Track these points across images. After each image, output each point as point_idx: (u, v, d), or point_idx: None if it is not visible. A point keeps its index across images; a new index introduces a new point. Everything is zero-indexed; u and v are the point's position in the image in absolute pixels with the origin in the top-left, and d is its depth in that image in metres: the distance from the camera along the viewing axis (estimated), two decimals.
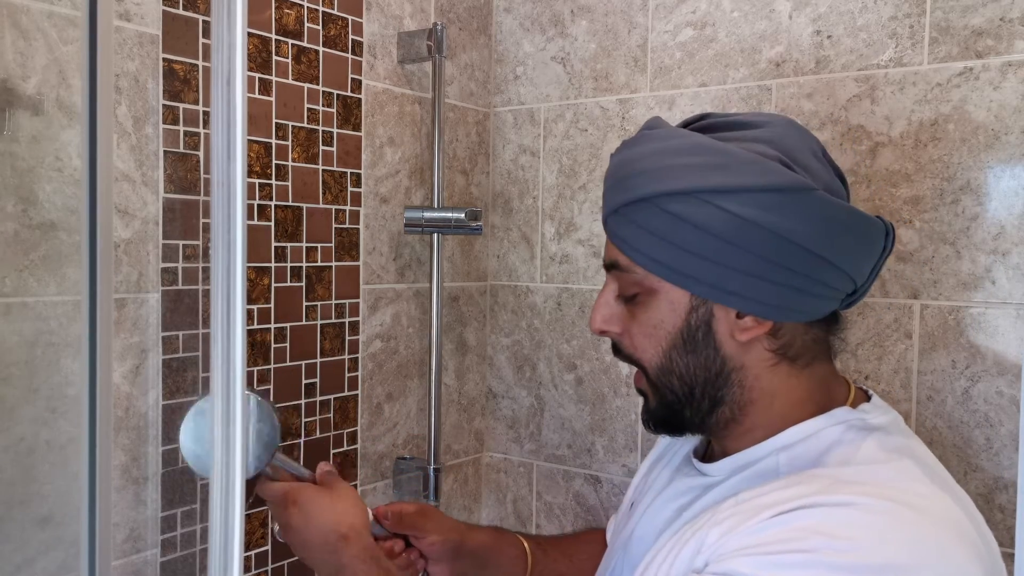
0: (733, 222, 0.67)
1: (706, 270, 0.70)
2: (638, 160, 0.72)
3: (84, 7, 0.53)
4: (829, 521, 0.62)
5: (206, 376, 1.06)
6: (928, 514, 0.65)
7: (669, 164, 0.70)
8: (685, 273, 0.70)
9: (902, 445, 0.72)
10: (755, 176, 0.67)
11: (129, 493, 0.99)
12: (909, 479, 0.68)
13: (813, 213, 0.68)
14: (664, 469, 0.88)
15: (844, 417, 0.73)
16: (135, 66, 0.98)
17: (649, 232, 0.71)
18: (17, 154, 0.88)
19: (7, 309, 0.88)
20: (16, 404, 0.88)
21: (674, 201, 0.69)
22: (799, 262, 0.69)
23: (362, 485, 1.29)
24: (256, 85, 1.12)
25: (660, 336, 0.74)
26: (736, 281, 0.69)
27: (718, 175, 0.68)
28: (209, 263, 0.72)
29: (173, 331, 1.03)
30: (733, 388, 0.74)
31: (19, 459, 0.89)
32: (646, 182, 0.70)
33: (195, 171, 1.04)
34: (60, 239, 0.91)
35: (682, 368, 0.74)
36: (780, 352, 0.74)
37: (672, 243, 0.70)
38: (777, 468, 0.72)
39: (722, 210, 0.67)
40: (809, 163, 0.72)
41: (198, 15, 1.04)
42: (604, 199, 0.76)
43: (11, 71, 0.87)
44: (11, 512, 0.89)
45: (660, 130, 0.74)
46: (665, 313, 0.73)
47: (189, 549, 1.05)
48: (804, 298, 0.71)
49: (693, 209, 0.68)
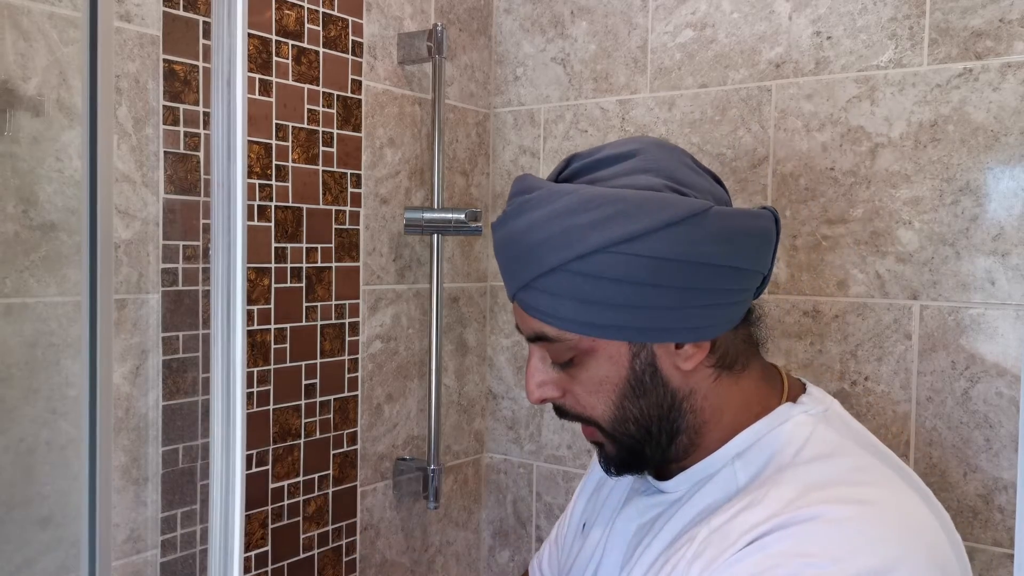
0: (648, 265, 0.67)
1: (636, 317, 0.69)
2: (534, 229, 0.69)
3: (85, 8, 0.53)
4: (802, 541, 0.64)
5: (206, 376, 1.06)
6: (888, 507, 0.67)
7: (568, 226, 0.68)
8: (617, 326, 0.70)
9: (844, 435, 0.74)
10: (655, 215, 0.67)
11: (129, 494, 0.99)
12: (858, 472, 0.69)
13: (716, 231, 0.68)
14: (615, 488, 0.87)
15: (788, 414, 0.75)
16: (135, 67, 0.98)
17: (569, 298, 0.69)
18: (18, 155, 0.88)
19: (7, 310, 0.88)
20: (16, 405, 0.89)
21: (585, 263, 0.67)
22: (718, 280, 0.69)
23: (362, 486, 1.29)
24: (256, 86, 1.12)
25: (607, 390, 0.73)
26: (667, 317, 0.69)
27: (620, 225, 0.66)
28: (209, 264, 0.72)
29: (173, 332, 1.03)
30: (687, 415, 0.74)
31: (19, 460, 0.89)
32: (551, 251, 0.68)
33: (195, 172, 1.04)
34: (60, 240, 0.91)
35: (636, 413, 0.74)
36: (719, 365, 0.75)
37: (595, 302, 0.69)
38: (735, 477, 0.73)
39: (635, 256, 0.67)
40: (691, 179, 0.72)
41: (198, 16, 1.04)
42: (506, 275, 0.74)
43: (12, 72, 0.87)
44: (11, 513, 0.89)
45: (540, 192, 0.71)
46: (607, 368, 0.73)
47: (189, 550, 1.05)
48: (729, 309, 0.72)
49: (606, 264, 0.67)
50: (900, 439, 1.12)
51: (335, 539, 1.25)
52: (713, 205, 0.68)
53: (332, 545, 1.25)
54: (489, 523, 1.53)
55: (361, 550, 1.29)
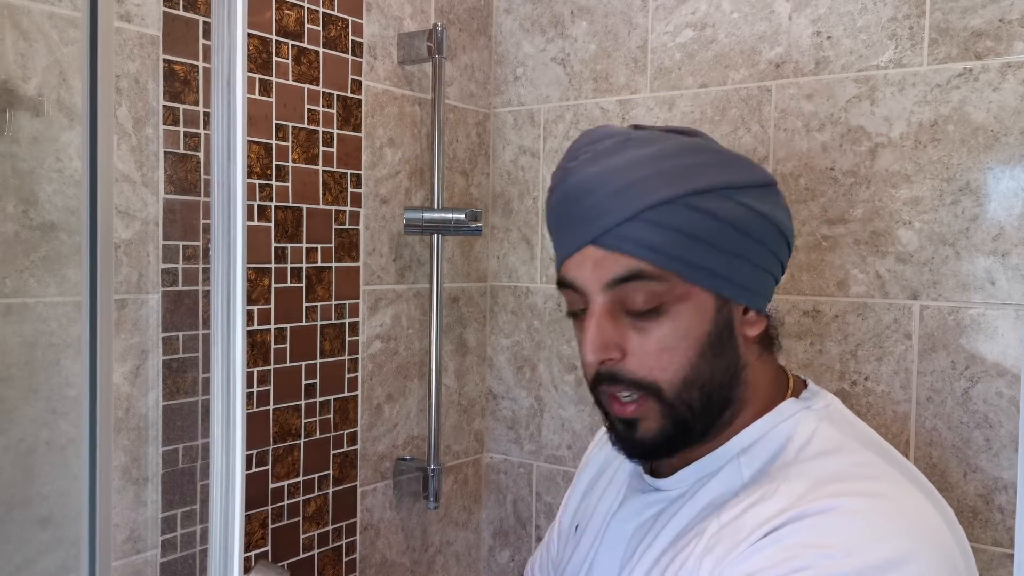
0: (748, 215, 0.69)
1: (731, 266, 0.69)
2: (644, 163, 0.69)
3: (85, 8, 0.53)
4: (819, 532, 0.64)
5: (206, 377, 1.06)
6: (897, 501, 0.67)
7: (683, 164, 0.69)
8: (715, 273, 0.69)
9: (846, 432, 0.74)
10: (752, 172, 0.72)
11: (129, 494, 0.99)
12: (864, 468, 0.70)
13: (781, 203, 0.73)
14: (609, 487, 0.85)
15: (791, 410, 0.75)
16: (135, 67, 0.98)
17: (681, 233, 0.68)
18: (18, 155, 0.88)
19: (7, 310, 0.88)
20: (16, 405, 0.89)
21: (701, 199, 0.68)
22: (781, 251, 0.73)
23: (362, 486, 1.29)
24: (256, 86, 1.12)
25: (686, 346, 0.70)
26: (751, 277, 0.71)
27: (729, 172, 0.70)
28: (209, 264, 0.72)
29: (173, 332, 1.03)
30: (739, 387, 0.74)
31: (19, 460, 0.89)
32: (667, 183, 0.68)
33: (195, 172, 1.04)
34: (60, 240, 0.91)
35: (706, 376, 0.71)
36: (762, 342, 0.76)
37: (703, 242, 0.68)
38: (740, 472, 0.73)
39: (739, 204, 0.69)
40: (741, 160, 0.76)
41: (198, 16, 1.04)
42: (591, 215, 0.70)
43: (12, 72, 0.87)
44: (11, 513, 0.89)
45: (638, 134, 0.72)
46: (693, 320, 0.70)
47: (189, 550, 1.05)
48: (774, 285, 0.75)
49: (717, 205, 0.68)
50: (900, 439, 1.12)
51: (335, 539, 1.25)
52: None
53: (332, 545, 1.25)
54: (489, 523, 1.53)
55: (361, 550, 1.29)
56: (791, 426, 0.74)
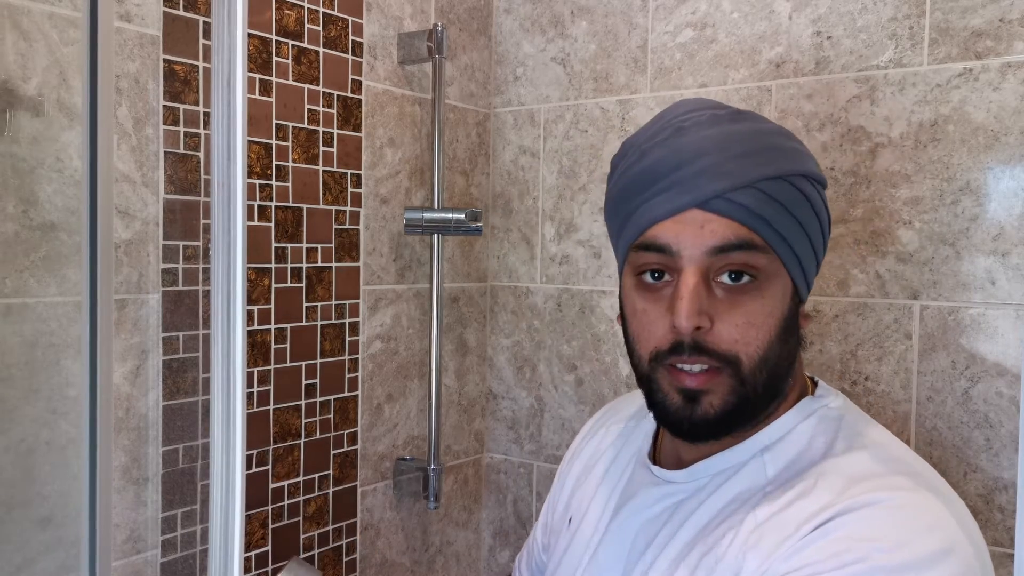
0: (823, 209, 0.73)
1: (807, 255, 0.72)
2: (763, 136, 0.70)
3: (85, 8, 0.53)
4: (867, 525, 0.64)
5: (206, 377, 1.06)
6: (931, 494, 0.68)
7: (789, 145, 0.71)
8: (800, 258, 0.71)
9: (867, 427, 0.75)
10: (817, 166, 0.74)
11: (129, 494, 0.99)
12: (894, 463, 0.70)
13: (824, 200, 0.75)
14: (605, 479, 0.84)
15: (811, 407, 0.76)
16: (136, 67, 0.98)
17: (786, 210, 0.68)
18: (18, 155, 0.88)
19: (7, 310, 0.88)
20: (16, 405, 0.89)
21: (803, 181, 0.70)
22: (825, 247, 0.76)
23: (362, 486, 1.29)
24: (256, 86, 1.12)
25: (768, 325, 0.69)
26: (812, 268, 0.74)
27: (813, 163, 0.73)
28: (209, 264, 0.72)
29: (173, 332, 1.03)
30: (791, 377, 0.75)
31: (19, 460, 0.89)
32: (782, 158, 0.69)
33: (195, 172, 1.04)
34: (61, 240, 0.91)
35: (775, 359, 0.70)
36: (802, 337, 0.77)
37: (799, 223, 0.69)
38: (764, 469, 0.72)
39: (820, 197, 0.72)
40: None
41: (198, 16, 1.04)
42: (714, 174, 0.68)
43: (12, 72, 0.87)
44: (11, 513, 0.89)
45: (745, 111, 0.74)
46: (776, 300, 0.70)
47: (189, 550, 1.05)
48: None
49: (811, 190, 0.71)
50: (900, 439, 1.12)
51: (335, 539, 1.25)
52: None
53: (332, 545, 1.25)
54: (489, 523, 1.53)
55: (361, 550, 1.29)
56: (813, 425, 0.74)
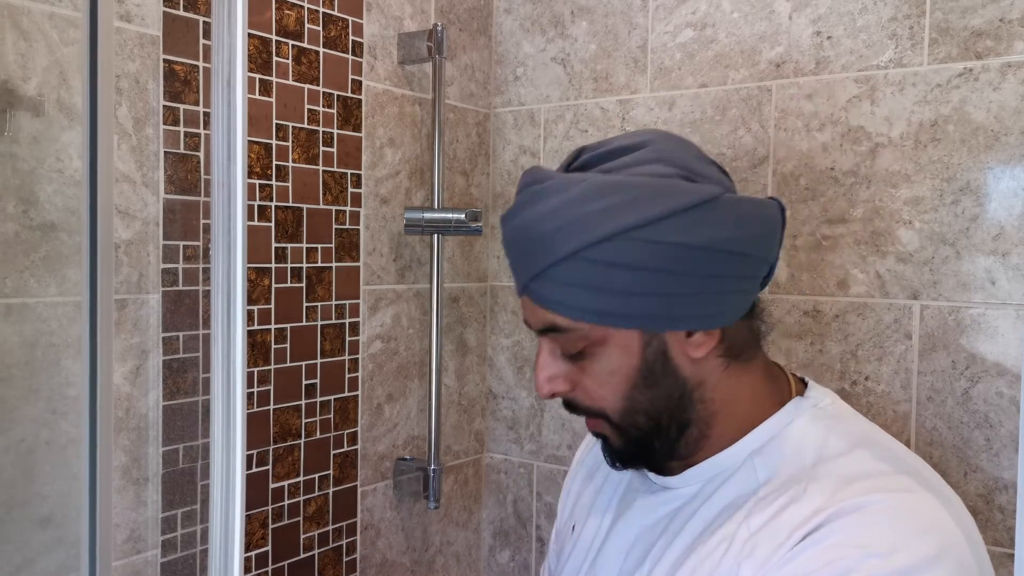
0: (662, 251, 0.67)
1: (649, 305, 0.69)
2: (546, 218, 0.69)
3: (85, 8, 0.53)
4: (857, 531, 0.64)
5: (206, 377, 1.06)
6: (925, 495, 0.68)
7: (581, 214, 0.67)
8: (630, 314, 0.69)
9: (859, 427, 0.75)
10: (668, 201, 0.67)
11: (130, 494, 0.99)
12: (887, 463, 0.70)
13: (726, 217, 0.68)
14: (604, 486, 0.86)
15: (800, 408, 0.75)
16: (136, 67, 0.98)
17: (582, 287, 0.68)
18: (18, 155, 0.88)
19: (8, 310, 0.88)
20: (17, 405, 0.89)
21: (599, 250, 0.67)
22: (729, 267, 0.69)
23: (362, 486, 1.29)
24: (256, 86, 1.12)
25: (618, 381, 0.72)
26: (680, 305, 0.69)
27: (634, 211, 0.66)
28: (209, 264, 0.72)
29: (173, 332, 1.03)
30: (697, 406, 0.74)
31: (20, 460, 0.89)
32: (564, 239, 0.67)
33: (195, 172, 1.04)
34: (61, 240, 0.91)
35: (646, 404, 0.73)
36: (728, 355, 0.74)
37: (609, 290, 0.68)
38: (755, 473, 0.73)
39: (649, 243, 0.66)
40: (702, 168, 0.72)
41: (198, 16, 1.04)
42: (516, 267, 0.73)
43: (12, 72, 0.87)
44: (12, 513, 0.89)
45: (551, 181, 0.70)
46: (619, 358, 0.72)
47: (190, 550, 1.05)
48: (739, 297, 0.72)
49: (620, 251, 0.67)
50: (900, 439, 1.12)
51: (335, 539, 1.25)
52: (724, 192, 0.69)
53: (332, 545, 1.25)
54: (489, 523, 1.53)
55: (361, 550, 1.29)
56: (803, 426, 0.74)
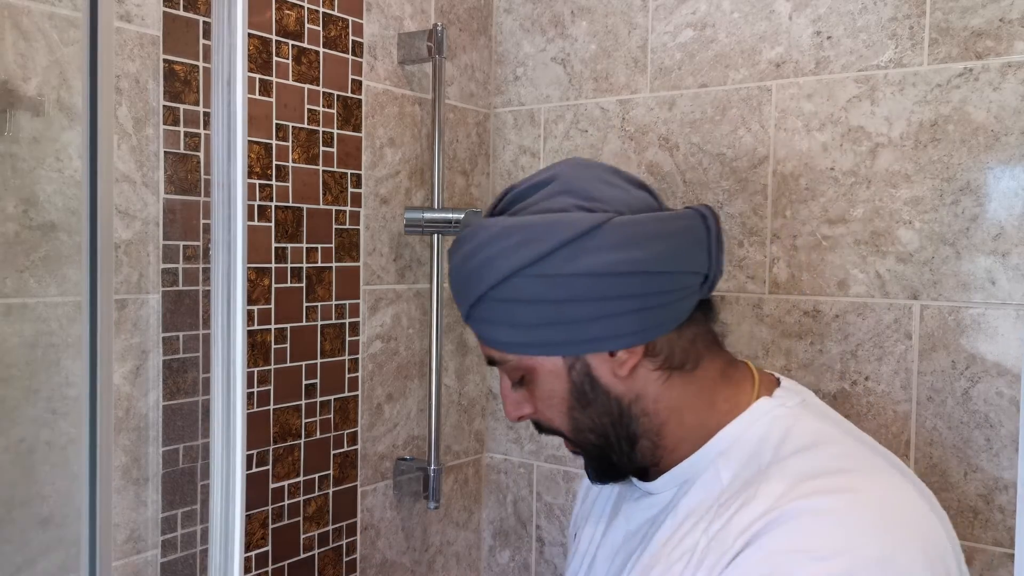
0: (557, 282, 0.71)
1: (559, 332, 0.73)
2: (462, 264, 0.76)
3: (85, 8, 0.53)
4: (799, 536, 0.64)
5: (206, 377, 1.06)
6: (877, 494, 0.67)
7: (485, 257, 0.73)
8: (544, 343, 0.74)
9: (824, 424, 0.74)
10: (555, 235, 0.71)
11: (130, 494, 0.99)
12: (843, 459, 0.70)
13: (619, 240, 0.70)
14: (600, 496, 0.89)
15: (764, 409, 0.75)
16: (136, 67, 0.98)
17: (498, 323, 0.74)
18: (18, 155, 0.88)
19: (7, 310, 0.88)
20: (16, 405, 0.89)
21: (501, 289, 0.72)
22: (633, 286, 0.71)
23: (362, 486, 1.29)
24: (256, 86, 1.12)
25: (558, 403, 0.77)
26: (589, 329, 0.72)
27: (526, 249, 0.71)
28: (209, 264, 0.72)
29: (173, 332, 1.03)
30: (639, 419, 0.76)
31: (20, 460, 0.89)
32: (476, 282, 0.74)
33: (195, 172, 1.04)
34: (61, 240, 0.91)
35: (588, 423, 0.77)
36: (665, 366, 0.75)
37: (519, 324, 0.73)
38: (719, 476, 0.73)
39: (543, 276, 0.71)
40: (603, 193, 0.74)
41: (198, 16, 1.04)
42: (458, 306, 0.79)
43: (12, 72, 0.87)
44: (11, 513, 0.89)
45: (470, 228, 0.77)
46: (551, 383, 0.76)
47: (190, 550, 1.05)
48: (658, 311, 0.73)
49: (519, 288, 0.72)
50: (900, 439, 1.12)
51: (335, 539, 1.25)
52: (614, 216, 0.72)
53: (332, 545, 1.25)
54: (489, 523, 1.53)
55: (361, 550, 1.29)
56: (765, 426, 0.74)
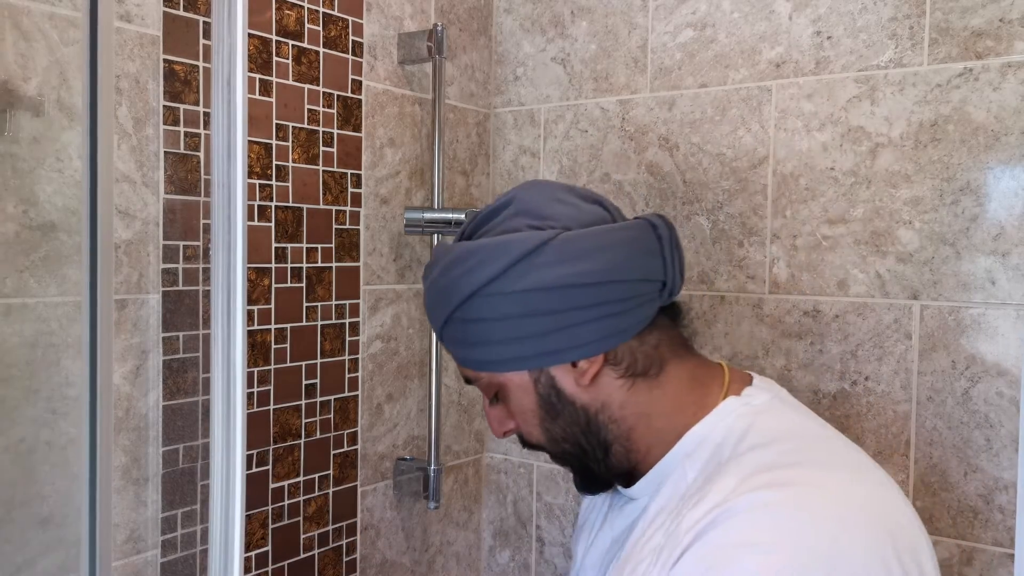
0: (512, 300, 0.74)
1: (520, 347, 0.76)
2: (430, 289, 0.80)
3: (85, 8, 0.53)
4: (741, 530, 0.65)
5: (206, 377, 1.06)
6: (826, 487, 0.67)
7: (447, 282, 0.78)
8: (509, 359, 0.77)
9: (787, 422, 0.76)
10: (504, 255, 0.74)
11: (129, 494, 0.99)
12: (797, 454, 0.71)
13: (567, 253, 0.74)
14: (593, 505, 0.92)
15: (731, 408, 0.76)
16: (136, 67, 0.98)
17: (466, 343, 0.78)
18: (18, 155, 0.88)
19: (7, 310, 0.88)
20: (16, 405, 0.89)
21: (463, 310, 0.76)
22: (586, 297, 0.74)
23: (362, 486, 1.29)
24: (256, 86, 1.12)
25: (530, 417, 0.80)
26: (548, 342, 0.75)
27: (481, 271, 0.75)
28: (210, 264, 0.72)
29: (173, 332, 1.03)
30: (608, 427, 0.78)
31: (19, 460, 0.89)
32: (441, 306, 0.78)
33: (195, 172, 1.04)
34: (61, 240, 0.91)
35: (560, 434, 0.80)
36: (628, 373, 0.78)
37: (483, 342, 0.77)
38: (685, 475, 0.75)
39: (498, 295, 0.74)
40: (553, 210, 0.78)
41: (198, 16, 1.04)
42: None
43: (12, 72, 0.87)
44: (11, 513, 0.89)
45: (435, 256, 0.81)
46: (521, 397, 0.79)
47: (190, 550, 1.05)
48: (614, 320, 0.75)
49: (478, 308, 0.76)
50: (900, 439, 1.12)
51: (335, 539, 1.25)
52: (560, 232, 0.75)
53: (332, 545, 1.25)
54: (489, 523, 1.53)
55: (361, 550, 1.29)
56: (729, 424, 0.75)
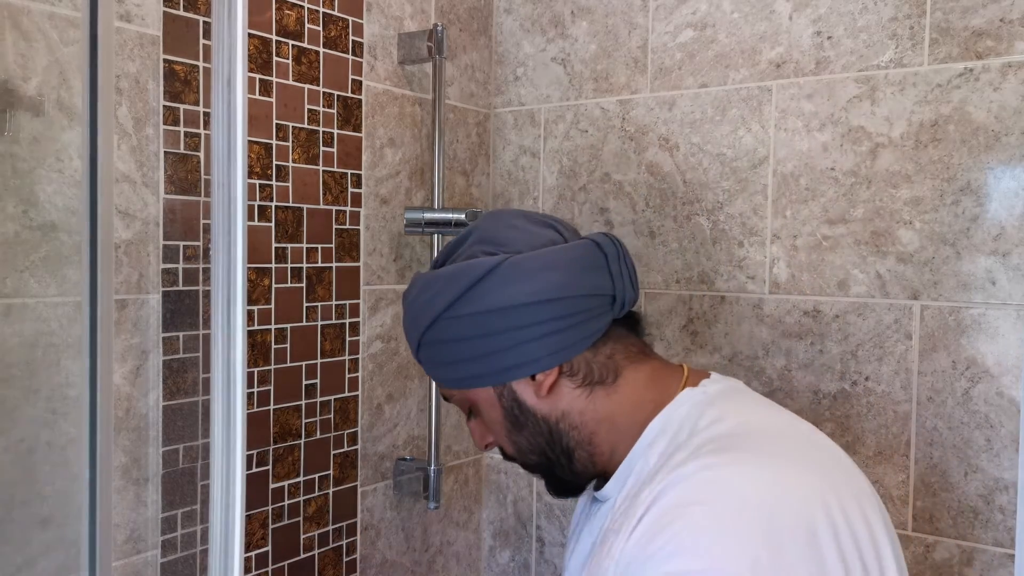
0: (468, 322, 0.80)
1: (481, 365, 0.82)
2: (405, 314, 0.87)
3: (85, 8, 0.53)
4: (689, 491, 0.69)
5: (206, 377, 1.06)
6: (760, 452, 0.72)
7: (417, 307, 0.84)
8: (472, 376, 0.83)
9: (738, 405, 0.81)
10: (460, 283, 0.80)
11: (130, 494, 0.99)
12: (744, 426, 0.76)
13: (514, 275, 0.79)
14: (580, 507, 0.96)
15: (687, 397, 0.81)
16: (136, 67, 0.98)
17: (437, 363, 0.85)
18: (18, 155, 0.88)
19: (7, 310, 0.88)
20: (16, 405, 0.89)
21: (429, 333, 0.83)
22: (536, 315, 0.79)
23: (362, 486, 1.29)
24: (256, 86, 1.12)
25: (499, 429, 0.86)
26: (505, 358, 0.81)
27: (441, 297, 0.81)
28: (210, 264, 0.72)
29: (174, 332, 1.03)
30: (570, 434, 0.83)
31: (20, 460, 0.89)
32: (413, 330, 0.85)
33: (196, 172, 1.04)
34: (61, 240, 0.91)
35: (527, 444, 0.85)
36: (586, 383, 0.82)
37: (449, 362, 0.83)
38: (648, 463, 0.78)
39: (456, 318, 0.81)
40: (506, 236, 0.84)
41: (199, 16, 1.04)
42: None
43: (12, 72, 0.87)
44: (12, 513, 0.89)
45: (413, 280, 0.87)
46: (489, 411, 0.85)
47: (190, 550, 1.05)
48: (566, 334, 0.80)
49: (441, 331, 0.82)
50: (900, 439, 1.12)
51: (335, 539, 1.25)
52: (509, 257, 0.80)
53: (332, 545, 1.25)
54: (489, 523, 1.53)
55: (361, 550, 1.29)
56: (686, 411, 0.79)
